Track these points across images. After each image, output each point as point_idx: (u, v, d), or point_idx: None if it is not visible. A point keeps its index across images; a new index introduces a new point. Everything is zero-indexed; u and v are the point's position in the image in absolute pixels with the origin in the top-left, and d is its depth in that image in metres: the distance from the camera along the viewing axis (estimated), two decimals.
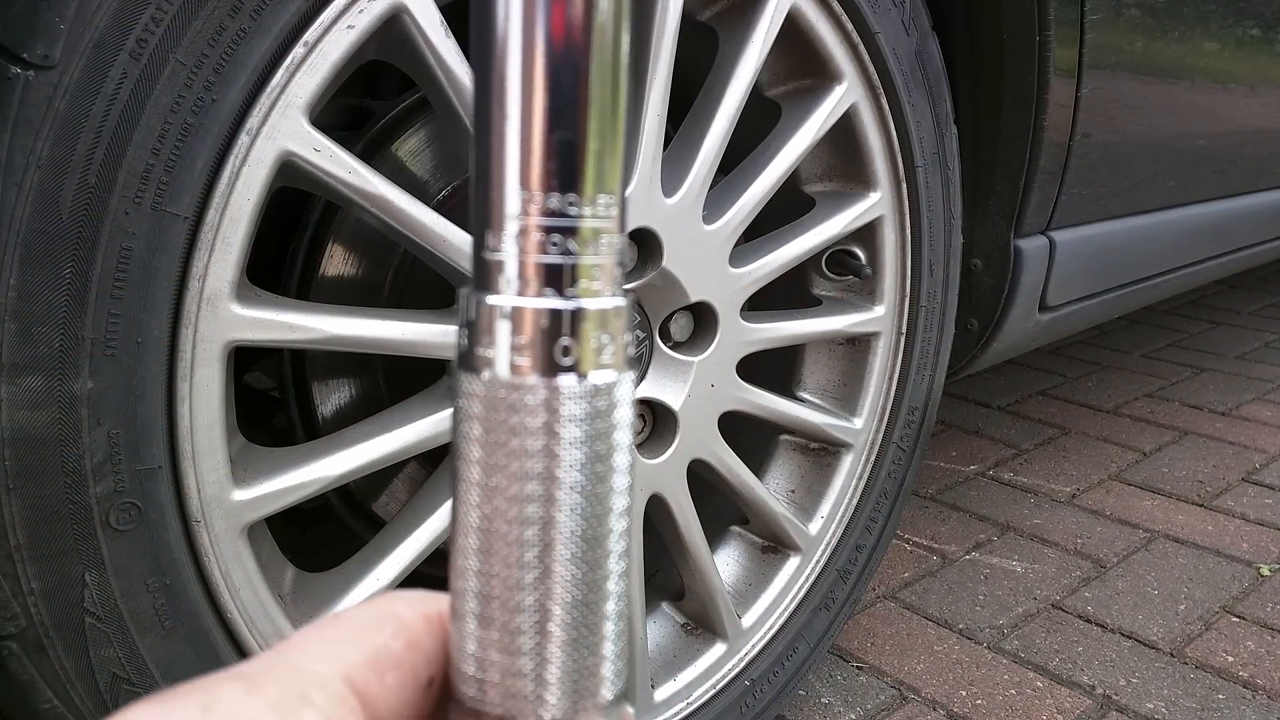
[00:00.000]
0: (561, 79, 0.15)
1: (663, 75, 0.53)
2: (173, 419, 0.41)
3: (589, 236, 0.15)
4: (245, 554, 0.44)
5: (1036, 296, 0.85)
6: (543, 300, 0.15)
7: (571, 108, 0.15)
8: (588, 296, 0.15)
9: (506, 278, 0.15)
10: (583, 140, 0.15)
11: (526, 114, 0.15)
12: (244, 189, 0.41)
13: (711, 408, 0.61)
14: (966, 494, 1.16)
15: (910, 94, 0.65)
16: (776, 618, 0.70)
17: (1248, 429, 1.38)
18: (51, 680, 0.40)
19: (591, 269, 0.15)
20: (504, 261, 0.15)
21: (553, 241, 0.15)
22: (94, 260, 0.37)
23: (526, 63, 0.15)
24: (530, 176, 0.15)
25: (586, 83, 0.15)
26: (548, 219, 0.15)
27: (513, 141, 0.15)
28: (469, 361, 0.16)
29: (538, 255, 0.15)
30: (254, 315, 0.42)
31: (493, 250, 0.15)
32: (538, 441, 0.15)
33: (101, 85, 0.36)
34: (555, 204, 0.15)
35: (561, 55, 0.15)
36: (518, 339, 0.15)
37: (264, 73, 0.40)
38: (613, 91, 0.15)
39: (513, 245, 0.15)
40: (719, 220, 0.58)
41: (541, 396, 0.15)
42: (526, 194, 0.15)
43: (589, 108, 0.15)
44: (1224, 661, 0.84)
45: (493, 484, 0.15)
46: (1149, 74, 0.90)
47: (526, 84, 0.15)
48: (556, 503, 0.15)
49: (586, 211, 0.15)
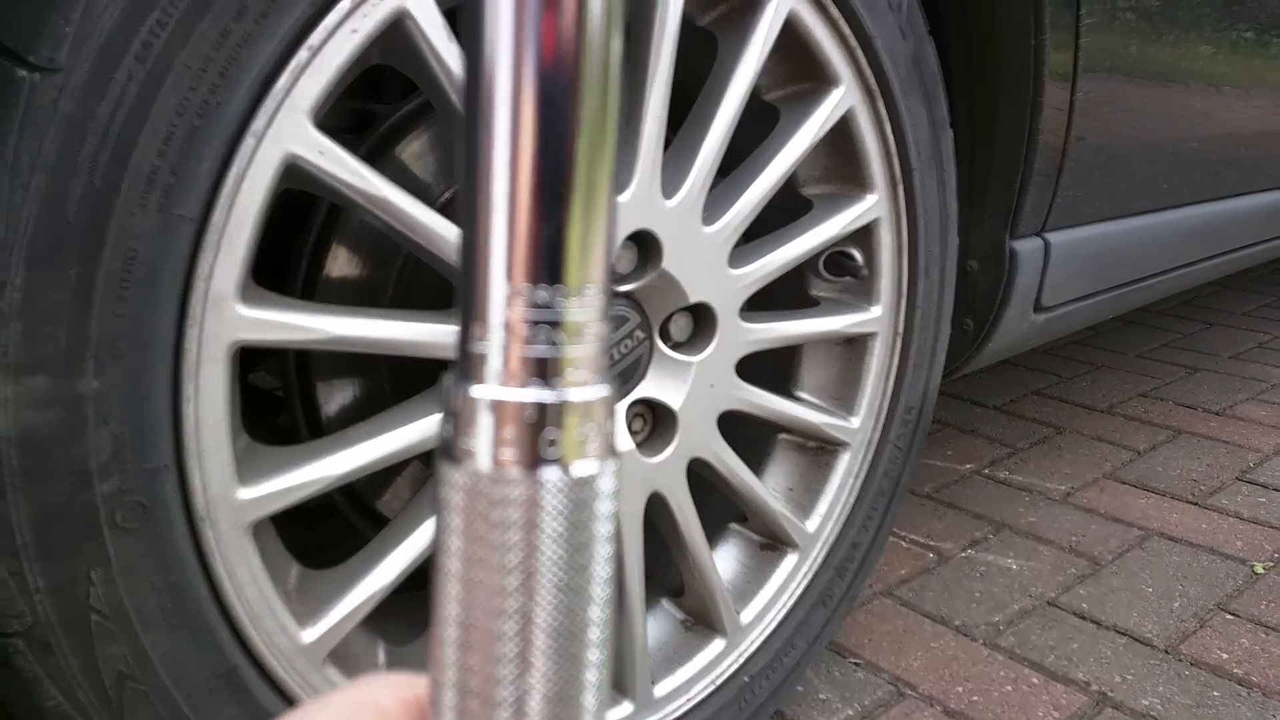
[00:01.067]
0: (547, 173, 0.15)
1: (662, 79, 0.53)
2: (178, 418, 0.41)
3: (574, 328, 0.15)
4: (250, 552, 0.44)
5: (1032, 297, 0.86)
6: (527, 393, 0.15)
7: (557, 201, 0.15)
8: (572, 387, 0.15)
9: (491, 369, 0.15)
10: (568, 233, 0.15)
11: (512, 208, 0.15)
12: (249, 191, 0.41)
13: (711, 407, 0.61)
14: (962, 492, 1.17)
15: (907, 97, 0.66)
16: (775, 614, 0.70)
17: (1241, 428, 1.38)
18: (57, 677, 0.41)
19: (576, 360, 0.15)
20: (488, 354, 0.15)
21: (538, 334, 0.15)
22: (100, 261, 0.38)
23: (513, 157, 0.15)
24: (516, 269, 0.15)
25: (571, 177, 0.15)
26: (533, 311, 0.15)
27: (499, 234, 0.15)
28: (451, 452, 0.15)
29: (523, 348, 0.15)
30: (259, 316, 0.43)
31: (478, 341, 0.15)
32: (518, 535, 0.15)
33: (107, 88, 0.37)
34: (541, 297, 0.15)
35: (547, 151, 0.15)
36: (501, 431, 0.15)
37: (269, 76, 0.41)
38: (598, 184, 0.15)
39: (498, 337, 0.15)
40: (718, 222, 0.59)
41: (524, 490, 0.15)
42: (512, 286, 0.15)
43: (573, 201, 0.15)
44: (1219, 659, 0.85)
45: (473, 576, 0.15)
46: (1144, 77, 0.90)
47: (513, 178, 0.15)
48: (536, 596, 0.15)
49: (573, 303, 0.15)
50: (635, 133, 0.53)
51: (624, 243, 0.55)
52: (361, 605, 0.48)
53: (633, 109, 0.54)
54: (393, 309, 0.58)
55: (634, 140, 0.53)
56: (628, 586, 0.59)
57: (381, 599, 0.49)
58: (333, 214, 0.59)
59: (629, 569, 0.59)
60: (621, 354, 0.56)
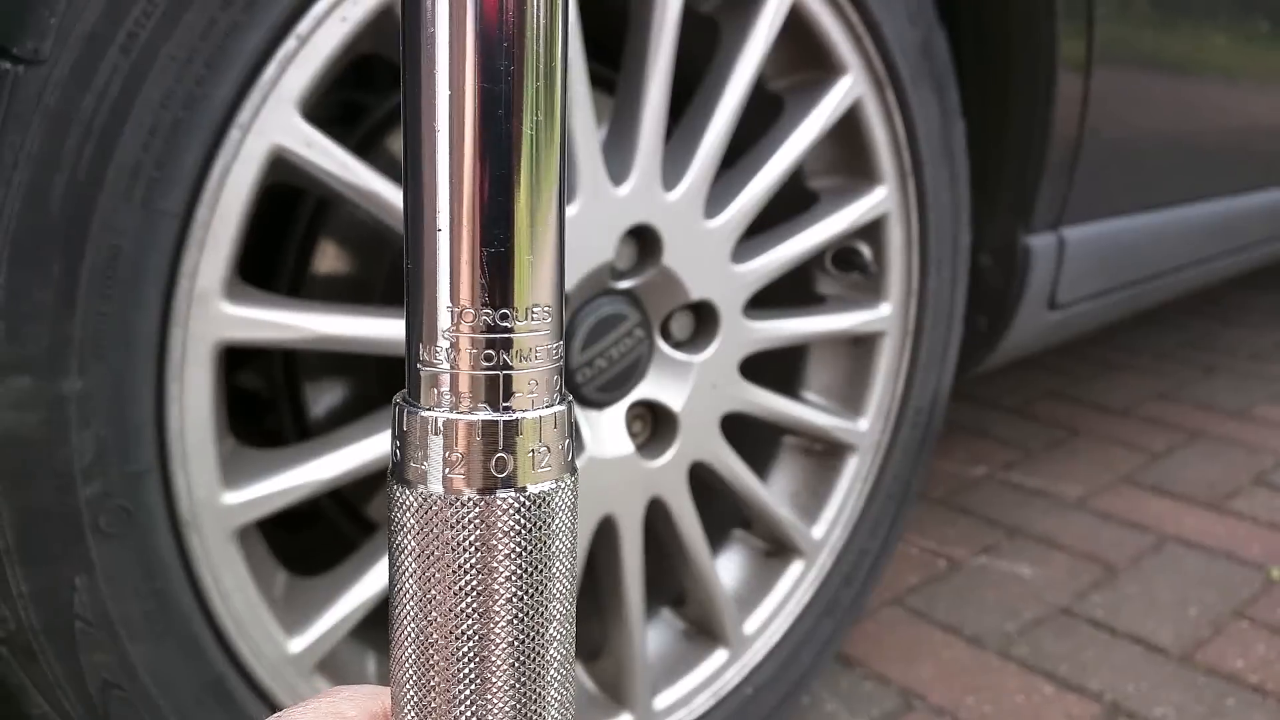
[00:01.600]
0: (494, 191, 0.14)
1: (663, 69, 0.52)
2: (162, 420, 0.40)
3: (524, 347, 0.15)
4: (236, 558, 0.43)
5: (1046, 294, 0.84)
6: (477, 414, 0.15)
7: (504, 220, 0.14)
8: (524, 408, 0.15)
9: (440, 390, 0.15)
10: (516, 253, 0.14)
11: (457, 227, 0.14)
12: (235, 185, 0.40)
13: (713, 409, 0.60)
14: (974, 497, 1.15)
15: (917, 87, 0.64)
16: (780, 624, 0.69)
17: (1259, 430, 1.36)
18: (42, 685, 0.40)
19: (527, 380, 0.15)
20: (437, 374, 0.15)
21: (484, 355, 0.15)
22: (83, 258, 0.37)
23: (456, 175, 0.14)
24: (461, 290, 0.15)
25: (515, 195, 0.14)
26: (482, 333, 0.15)
27: (444, 255, 0.14)
28: (401, 474, 0.15)
29: (472, 369, 0.15)
30: (245, 314, 0.42)
31: (426, 363, 0.15)
32: (474, 556, 0.15)
33: (91, 80, 0.36)
34: (489, 318, 0.15)
35: (494, 167, 0.14)
36: (452, 453, 0.15)
37: (255, 66, 0.40)
38: (545, 202, 0.15)
39: (446, 359, 0.15)
40: (721, 216, 0.57)
41: (476, 512, 0.15)
42: (459, 308, 0.15)
43: (522, 220, 0.14)
44: (1234, 666, 0.83)
45: (429, 597, 0.15)
46: (1159, 67, 0.88)
47: (456, 198, 0.14)
48: (494, 616, 0.15)
49: (520, 324, 0.15)
50: (635, 124, 0.52)
51: (623, 238, 0.53)
52: (351, 614, 0.47)
53: (632, 100, 0.52)
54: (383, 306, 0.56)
55: (634, 132, 0.52)
56: (627, 595, 0.58)
57: (371, 607, 0.48)
58: (321, 209, 0.58)
59: (628, 576, 0.57)
60: (620, 353, 0.55)
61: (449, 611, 0.15)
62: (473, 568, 0.15)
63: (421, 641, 0.15)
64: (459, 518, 0.15)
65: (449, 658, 0.15)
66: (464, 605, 0.15)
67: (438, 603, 0.15)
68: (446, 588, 0.15)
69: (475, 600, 0.15)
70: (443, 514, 0.15)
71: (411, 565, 0.15)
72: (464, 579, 0.15)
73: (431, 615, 0.15)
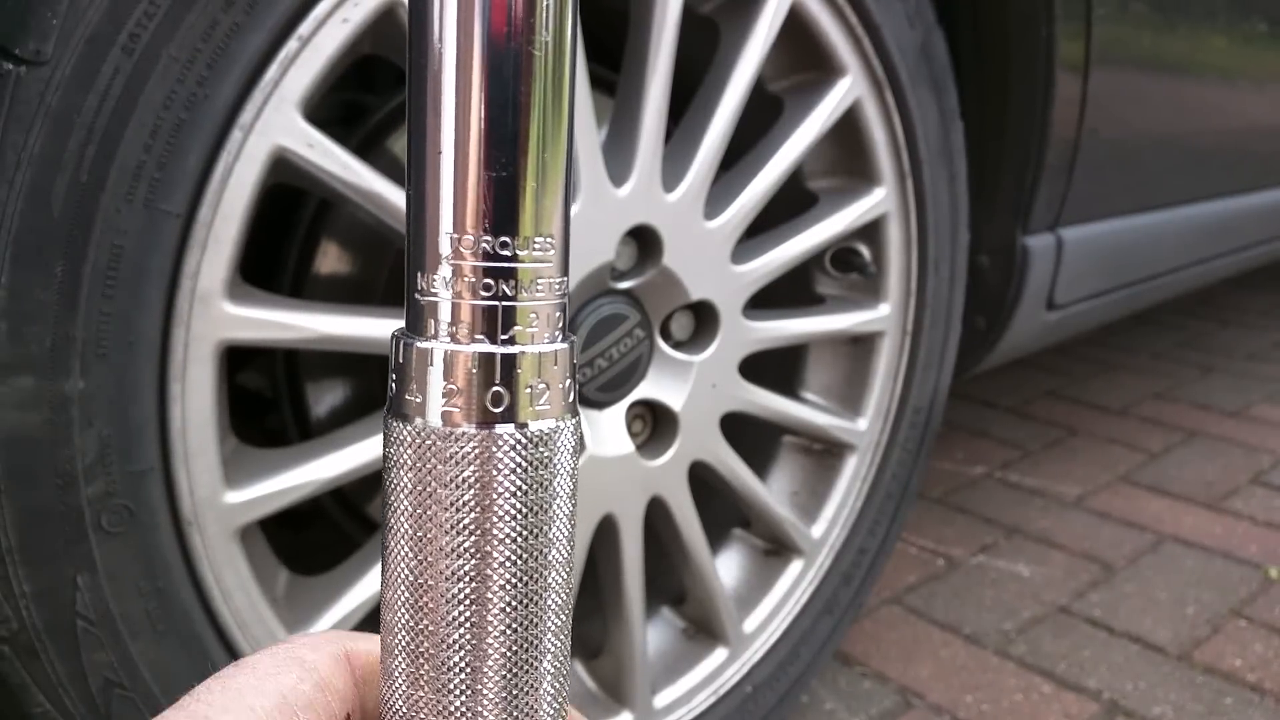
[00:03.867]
0: (499, 112, 0.14)
1: (663, 69, 0.52)
2: (165, 420, 0.40)
3: (526, 279, 0.14)
4: (238, 557, 0.43)
5: (1044, 295, 0.84)
6: (476, 345, 0.14)
7: (509, 144, 0.14)
8: (524, 341, 0.14)
9: (438, 321, 0.14)
10: (520, 179, 0.14)
11: (461, 150, 0.14)
12: (237, 185, 0.40)
13: (713, 408, 0.60)
14: (973, 496, 1.15)
15: (915, 88, 0.64)
16: (779, 622, 0.69)
17: (1257, 430, 1.36)
18: (44, 684, 0.40)
19: (528, 313, 0.14)
20: (436, 304, 0.14)
21: (484, 284, 0.14)
22: (85, 258, 0.37)
23: (461, 95, 0.14)
24: (464, 216, 0.14)
25: (527, 116, 0.14)
26: (482, 261, 0.14)
27: (446, 179, 0.14)
28: (398, 408, 0.15)
29: (471, 298, 0.14)
30: (247, 314, 0.42)
31: (424, 293, 0.14)
32: (470, 494, 0.14)
33: (94, 81, 0.36)
34: (490, 245, 0.14)
35: (499, 87, 0.13)
36: (449, 385, 0.14)
37: (257, 67, 0.40)
38: (554, 126, 0.14)
39: (445, 288, 0.14)
40: (721, 217, 0.57)
41: (475, 447, 0.14)
42: (459, 235, 0.14)
43: (528, 144, 0.14)
44: (1232, 665, 0.83)
45: (424, 536, 0.14)
46: (1157, 69, 0.89)
47: (461, 118, 0.14)
48: (490, 557, 0.14)
49: (523, 254, 0.14)
50: (635, 124, 0.52)
51: (623, 238, 0.53)
52: (352, 613, 0.47)
53: (632, 101, 0.52)
54: (384, 306, 0.57)
55: (633, 132, 0.52)
56: (627, 593, 0.58)
57: (373, 607, 0.48)
58: (323, 209, 0.58)
59: (628, 575, 0.58)
60: (621, 353, 0.55)
61: (445, 551, 0.14)
62: (470, 505, 0.14)
63: (414, 583, 0.14)
64: (456, 452, 0.14)
65: (443, 600, 0.14)
66: (460, 544, 0.14)
67: (433, 542, 0.14)
68: (442, 526, 0.14)
69: (472, 540, 0.14)
70: (439, 449, 0.14)
71: (406, 503, 0.14)
72: (462, 516, 0.14)
73: (426, 555, 0.14)
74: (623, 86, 0.54)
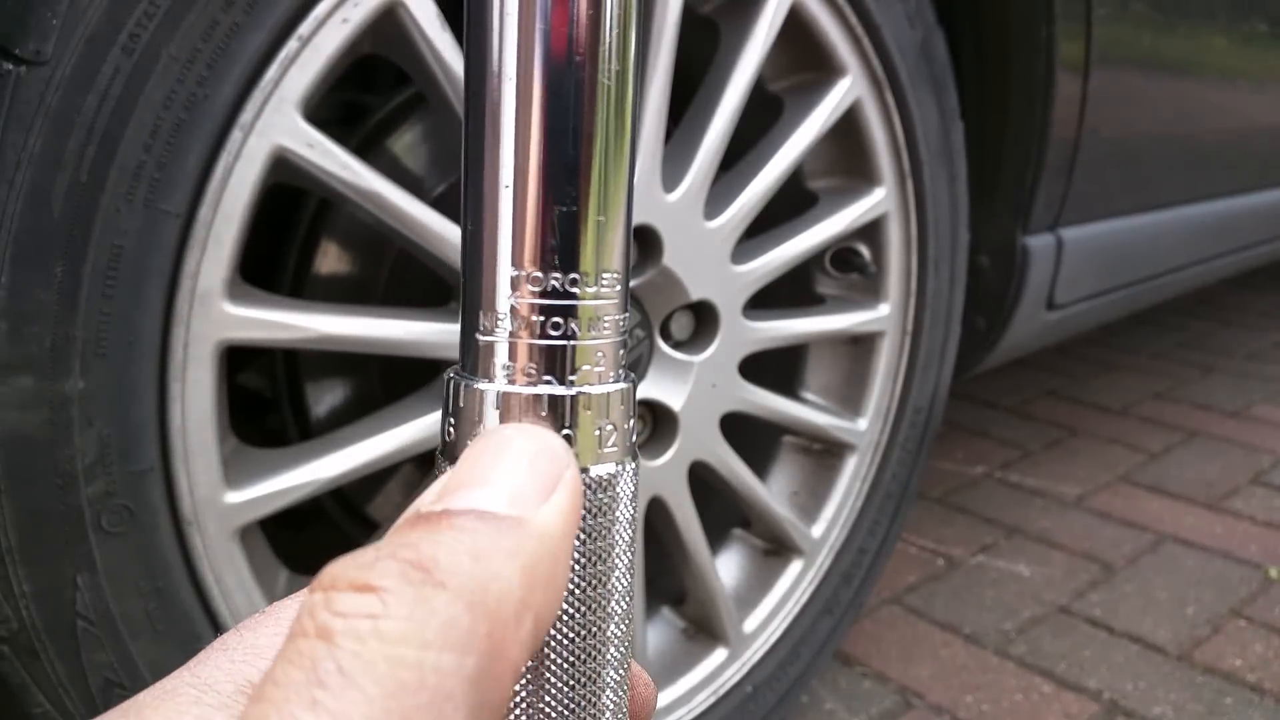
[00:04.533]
0: (565, 144, 0.13)
1: (663, 70, 0.52)
2: (165, 420, 0.40)
3: (592, 317, 0.14)
4: (238, 557, 0.43)
5: (1044, 295, 0.84)
6: (543, 387, 0.13)
7: (573, 177, 0.13)
8: (589, 382, 0.14)
9: (499, 362, 0.14)
10: (585, 213, 0.13)
11: (522, 183, 0.13)
12: (237, 185, 0.40)
13: (713, 408, 0.60)
14: (973, 496, 1.15)
15: (915, 88, 0.64)
16: (779, 622, 0.69)
17: (1257, 430, 1.36)
18: (43, 684, 0.40)
19: (594, 351, 0.14)
20: (496, 344, 0.14)
21: (552, 323, 0.13)
22: (85, 258, 0.37)
23: (522, 128, 0.13)
24: (526, 252, 0.13)
25: (590, 148, 0.13)
26: (548, 300, 0.13)
27: (506, 214, 0.13)
28: (454, 454, 0.14)
29: (536, 338, 0.14)
30: (247, 314, 0.42)
31: (484, 332, 0.14)
32: None
33: (94, 81, 0.36)
34: (555, 283, 0.13)
35: (564, 118, 0.13)
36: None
37: (257, 67, 0.40)
38: (618, 158, 0.14)
39: (506, 327, 0.14)
40: (721, 217, 0.57)
41: None
42: (522, 271, 0.13)
43: (592, 177, 0.13)
44: (1232, 665, 0.83)
45: None
46: (1157, 68, 0.89)
47: (522, 150, 0.13)
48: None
49: (590, 290, 0.14)
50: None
51: None
52: None
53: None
54: (384, 307, 0.57)
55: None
56: None
57: None
58: (323, 209, 0.58)
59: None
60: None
61: None
62: None
63: None
64: None
65: None
66: None
67: None
68: None
69: None
70: None
71: None
72: None
73: None
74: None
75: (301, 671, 0.10)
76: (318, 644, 0.11)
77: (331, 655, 0.10)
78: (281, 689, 0.10)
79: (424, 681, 0.10)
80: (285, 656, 0.11)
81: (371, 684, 0.10)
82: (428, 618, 0.11)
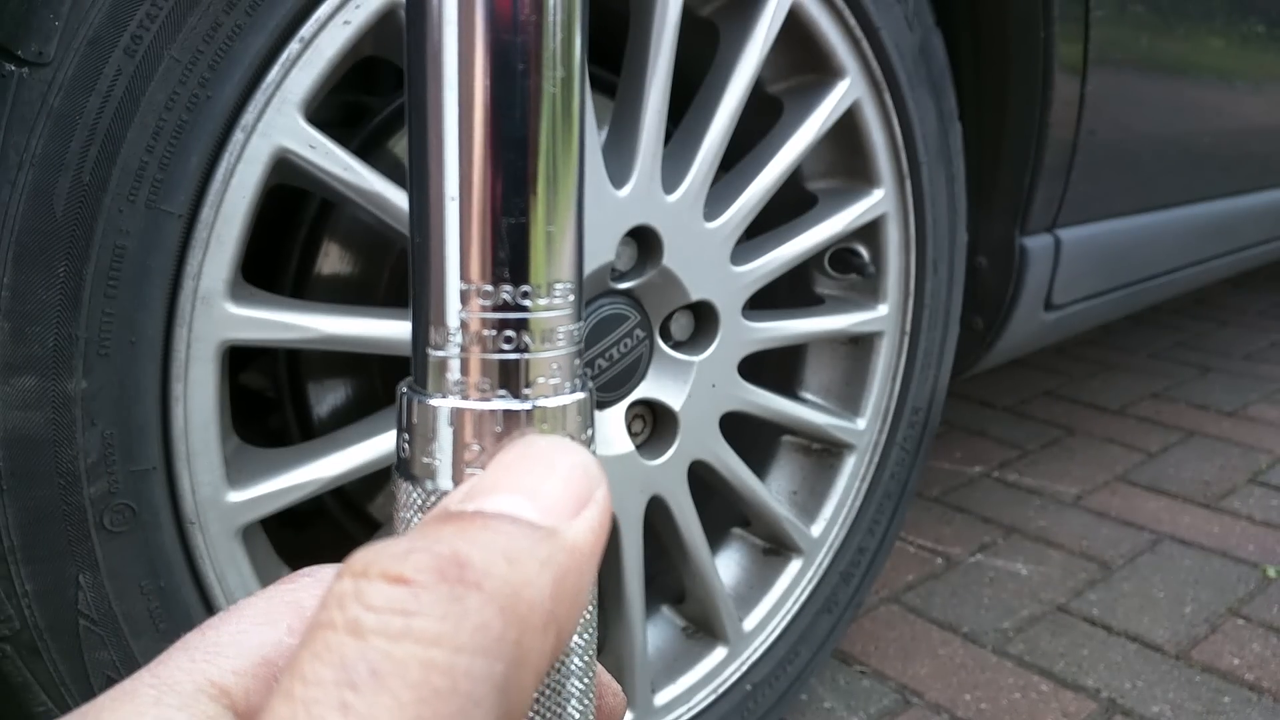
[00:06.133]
0: (512, 155, 0.13)
1: (663, 71, 0.52)
2: (167, 419, 0.40)
3: (544, 330, 0.13)
4: (240, 556, 0.44)
5: (1042, 295, 0.84)
6: (494, 403, 0.13)
7: (521, 187, 0.13)
8: (544, 395, 0.13)
9: (451, 378, 0.13)
10: (534, 224, 0.13)
11: (468, 195, 0.13)
12: (239, 186, 0.40)
13: (713, 408, 0.60)
14: (971, 495, 1.15)
15: (914, 89, 0.65)
16: (778, 621, 0.69)
17: (1254, 429, 1.36)
18: (46, 683, 0.40)
19: (549, 364, 0.13)
20: (448, 359, 0.13)
21: (504, 337, 0.13)
22: (88, 259, 0.37)
23: (466, 137, 0.13)
24: (475, 266, 0.13)
25: (537, 158, 0.13)
26: (497, 313, 0.13)
27: (453, 226, 0.13)
28: (408, 469, 0.14)
29: (490, 352, 0.13)
30: (249, 314, 0.42)
31: (435, 347, 0.13)
32: None
33: (96, 82, 0.36)
34: (506, 296, 0.13)
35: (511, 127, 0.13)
36: (464, 446, 0.13)
37: (259, 69, 0.40)
38: (566, 167, 0.13)
39: (457, 342, 0.13)
40: (720, 218, 0.57)
41: None
42: (472, 285, 0.13)
43: (540, 186, 0.13)
44: (1230, 664, 0.84)
45: None
46: (1155, 70, 0.89)
47: (467, 161, 0.13)
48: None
49: (541, 303, 0.13)
50: (635, 126, 0.52)
51: (623, 239, 0.54)
52: None
53: (632, 103, 0.53)
54: (386, 307, 0.57)
55: (633, 134, 0.52)
56: (627, 593, 0.58)
57: None
58: (325, 210, 0.58)
59: (628, 574, 0.58)
60: (621, 353, 0.55)
61: None
62: None
63: None
64: None
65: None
66: None
67: None
68: None
69: None
70: None
71: None
72: None
73: None
74: (623, 88, 0.54)
75: (331, 670, 0.10)
76: (348, 640, 0.10)
77: (363, 655, 0.10)
78: (310, 688, 0.10)
79: (456, 687, 0.10)
80: (313, 651, 0.10)
81: (404, 688, 0.10)
82: (461, 619, 0.10)
